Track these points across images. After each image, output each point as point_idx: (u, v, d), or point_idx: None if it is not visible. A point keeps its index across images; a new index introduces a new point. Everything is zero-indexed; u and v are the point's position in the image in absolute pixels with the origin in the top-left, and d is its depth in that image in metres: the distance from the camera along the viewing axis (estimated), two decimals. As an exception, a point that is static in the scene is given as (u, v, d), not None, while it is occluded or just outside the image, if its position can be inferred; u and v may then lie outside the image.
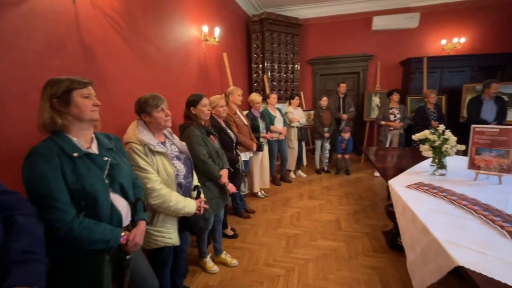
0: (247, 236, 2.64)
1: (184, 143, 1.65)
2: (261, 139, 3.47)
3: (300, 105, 4.55)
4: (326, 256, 2.26)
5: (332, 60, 5.45)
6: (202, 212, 1.55)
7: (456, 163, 2.16)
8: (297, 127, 4.18)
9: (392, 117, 4.11)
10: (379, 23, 5.03)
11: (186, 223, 1.53)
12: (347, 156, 4.41)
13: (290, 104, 4.28)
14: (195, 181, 1.68)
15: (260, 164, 3.47)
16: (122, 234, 1.07)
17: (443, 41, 4.80)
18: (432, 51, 4.90)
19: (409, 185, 1.86)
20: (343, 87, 4.51)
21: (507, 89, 4.04)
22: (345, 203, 3.33)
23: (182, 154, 1.56)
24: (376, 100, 5.06)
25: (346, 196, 3.54)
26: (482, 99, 3.67)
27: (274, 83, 5.05)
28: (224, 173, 1.99)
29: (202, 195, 1.63)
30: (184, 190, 1.50)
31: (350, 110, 4.44)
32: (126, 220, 1.13)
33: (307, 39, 5.48)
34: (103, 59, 1.77)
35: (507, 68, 4.37)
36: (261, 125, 3.52)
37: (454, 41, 4.73)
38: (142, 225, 1.18)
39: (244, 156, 2.94)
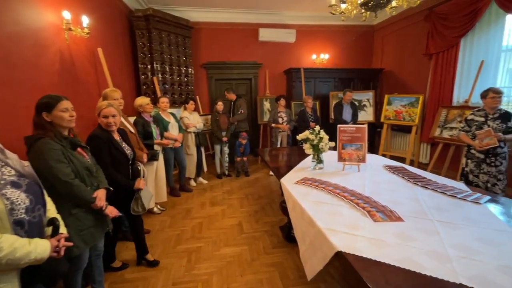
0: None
1: (27, 163, 1.19)
2: (156, 147, 3.11)
3: (196, 109, 4.40)
4: (230, 264, 2.20)
5: (225, 66, 5.57)
6: (62, 253, 1.16)
7: (330, 157, 2.55)
8: (194, 132, 4.01)
9: (280, 120, 4.57)
10: (264, 34, 5.52)
11: (37, 273, 1.10)
12: (245, 159, 4.59)
13: (185, 108, 4.06)
14: (52, 213, 1.25)
15: (155, 176, 3.09)
16: None
17: (314, 56, 5.77)
18: (307, 64, 5.80)
19: (297, 181, 2.05)
20: (226, 95, 4.72)
21: (357, 96, 5.26)
22: (246, 205, 3.41)
23: (23, 179, 1.11)
24: (267, 104, 5.52)
25: (246, 198, 3.65)
26: (342, 103, 4.61)
27: (167, 86, 4.69)
28: (101, 194, 1.60)
29: (63, 230, 1.22)
30: (29, 228, 1.07)
31: (239, 112, 4.62)
32: None
33: (199, 42, 5.38)
34: None
35: (356, 80, 5.68)
36: (155, 131, 3.16)
37: (321, 56, 5.77)
38: None
39: (132, 169, 2.52)
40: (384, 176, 2.13)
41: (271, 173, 4.67)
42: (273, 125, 4.59)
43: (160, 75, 4.53)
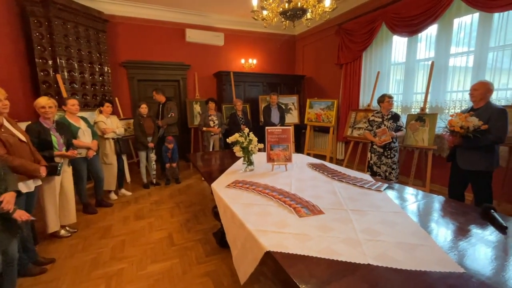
0: (41, 300, 1.83)
1: None
2: (58, 159, 2.59)
3: (115, 113, 3.91)
4: (158, 282, 2.00)
5: (149, 66, 5.15)
6: None
7: (260, 158, 2.62)
8: (113, 138, 3.54)
9: (211, 123, 4.48)
10: (192, 35, 5.34)
11: None
12: (174, 165, 4.32)
13: (101, 112, 3.55)
14: None
15: (60, 193, 2.59)
16: None
17: (243, 60, 5.91)
18: (237, 67, 5.89)
19: (228, 185, 2.01)
20: (154, 95, 4.42)
21: (283, 100, 5.62)
22: (177, 214, 3.19)
23: None
24: (197, 107, 5.35)
25: (177, 207, 3.42)
26: (270, 107, 4.84)
27: (76, 86, 4.02)
28: (9, 197, 1.53)
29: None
30: None
31: (170, 115, 4.36)
32: None
33: (117, 38, 4.82)
34: None
35: (282, 85, 6.07)
36: (56, 139, 2.63)
37: (250, 61, 5.94)
38: None
39: (25, 186, 2.04)
40: (308, 174, 2.30)
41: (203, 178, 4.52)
42: (204, 128, 4.47)
43: (66, 73, 3.86)
